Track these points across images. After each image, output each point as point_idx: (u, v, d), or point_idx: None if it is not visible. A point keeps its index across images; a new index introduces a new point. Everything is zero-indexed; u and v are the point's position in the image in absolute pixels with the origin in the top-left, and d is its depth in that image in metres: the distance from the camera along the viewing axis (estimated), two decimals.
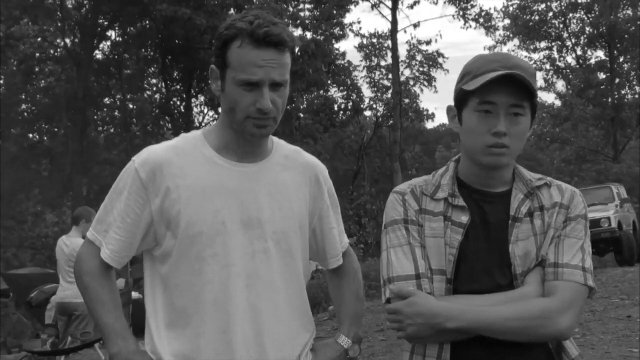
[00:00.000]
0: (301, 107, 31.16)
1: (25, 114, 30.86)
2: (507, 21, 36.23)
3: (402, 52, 33.22)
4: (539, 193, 1.90)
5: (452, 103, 1.94)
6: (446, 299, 1.81)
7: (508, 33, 36.72)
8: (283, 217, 2.01)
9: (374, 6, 30.82)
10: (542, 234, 1.85)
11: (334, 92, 33.91)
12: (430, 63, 33.17)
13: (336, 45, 31.93)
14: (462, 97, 1.85)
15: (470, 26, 33.71)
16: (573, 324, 1.78)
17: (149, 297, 2.00)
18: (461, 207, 1.87)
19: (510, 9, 35.80)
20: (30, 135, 31.51)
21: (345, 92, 34.24)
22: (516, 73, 1.76)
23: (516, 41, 37.66)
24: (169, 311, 1.95)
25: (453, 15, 31.34)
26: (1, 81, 29.90)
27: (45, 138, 31.62)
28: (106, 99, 30.28)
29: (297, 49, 2.03)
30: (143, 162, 1.95)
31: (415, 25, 30.70)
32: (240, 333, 1.92)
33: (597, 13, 35.45)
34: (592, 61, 37.43)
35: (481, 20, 31.54)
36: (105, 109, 30.65)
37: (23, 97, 30.72)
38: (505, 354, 1.79)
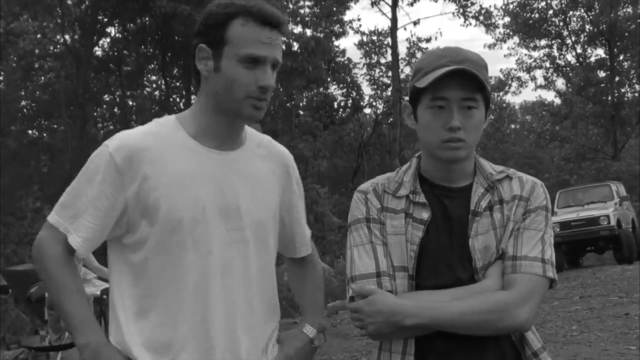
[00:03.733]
0: (301, 104, 31.16)
1: (25, 110, 30.89)
2: (507, 19, 36.25)
3: (402, 49, 33.23)
4: (500, 186, 1.91)
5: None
6: (407, 295, 1.82)
7: (508, 31, 36.72)
8: (259, 207, 2.00)
9: (374, 3, 30.84)
10: (501, 227, 1.86)
11: (334, 89, 33.94)
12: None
13: (336, 43, 31.95)
14: (415, 95, 1.87)
15: (471, 24, 33.67)
16: (531, 316, 1.79)
17: (115, 286, 1.94)
18: (422, 204, 1.88)
19: (511, 6, 35.80)
20: (30, 132, 31.54)
21: (345, 90, 34.25)
22: (464, 67, 1.78)
23: (516, 39, 37.70)
24: (140, 300, 1.90)
25: (453, 13, 31.38)
26: (1, 77, 29.91)
27: (44, 134, 31.64)
28: (106, 96, 30.27)
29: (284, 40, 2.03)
30: (118, 147, 1.88)
31: (415, 23, 30.75)
32: (217, 323, 1.91)
33: (597, 11, 35.44)
34: (592, 59, 37.46)
35: (481, 18, 31.56)
36: (104, 106, 30.65)
37: (23, 93, 30.74)
38: (469, 347, 1.81)
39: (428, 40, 32.65)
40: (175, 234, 1.87)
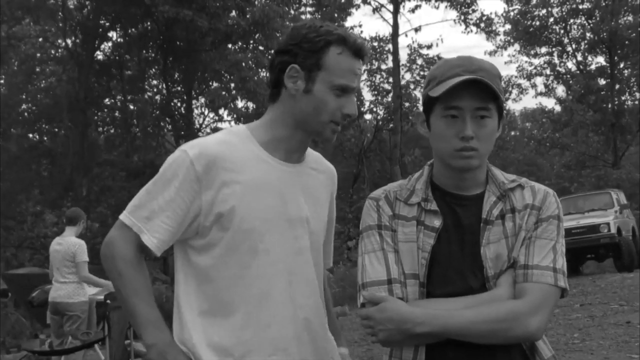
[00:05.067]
0: None
1: (26, 114, 30.87)
2: (508, 26, 36.26)
3: (403, 56, 33.25)
4: (512, 195, 1.91)
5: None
6: (418, 303, 1.83)
7: (509, 38, 36.75)
8: (317, 218, 2.11)
9: (375, 10, 30.86)
10: (513, 236, 1.87)
11: None
12: (431, 67, 33.14)
13: None
14: (428, 103, 1.89)
15: (472, 31, 33.69)
16: (543, 325, 1.79)
17: (181, 285, 2.01)
18: (434, 212, 1.89)
19: (512, 14, 35.83)
20: (31, 136, 31.51)
21: None
22: (476, 77, 1.79)
23: (517, 46, 37.70)
24: (207, 301, 1.97)
25: (454, 20, 31.39)
26: (2, 81, 29.93)
27: (45, 138, 31.61)
28: (107, 100, 30.28)
29: None
30: (199, 154, 1.95)
31: (417, 30, 30.76)
32: (282, 329, 1.98)
33: (598, 19, 35.47)
34: (593, 67, 37.44)
35: (482, 25, 31.59)
36: (106, 110, 30.64)
37: (24, 97, 30.72)
38: (480, 355, 1.81)
39: (429, 46, 32.68)
40: (246, 241, 1.96)
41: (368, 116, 36.32)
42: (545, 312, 1.80)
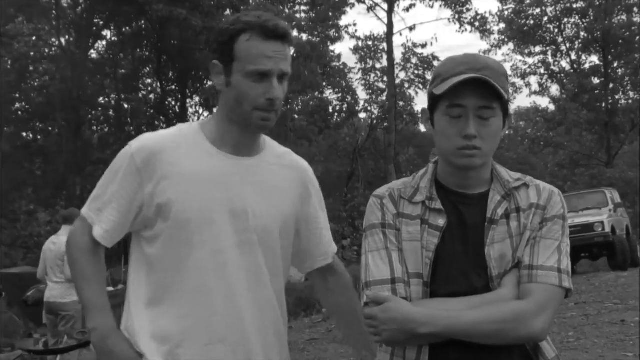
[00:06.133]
0: (296, 108, 31.17)
1: (20, 112, 30.76)
2: (502, 25, 36.31)
3: (398, 54, 33.27)
4: (517, 194, 1.90)
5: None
6: (422, 303, 1.82)
7: (503, 37, 36.79)
8: (269, 214, 2.06)
9: (370, 9, 30.88)
10: (518, 236, 1.85)
11: (329, 94, 33.96)
12: (426, 66, 33.19)
13: (331, 48, 31.99)
14: (432, 101, 1.87)
15: (466, 30, 33.72)
16: (547, 326, 1.78)
17: (132, 275, 2.06)
18: (438, 210, 1.88)
19: (506, 13, 35.89)
20: (24, 134, 31.41)
21: (340, 94, 34.27)
22: (480, 76, 1.77)
23: (511, 45, 37.75)
24: (152, 291, 2.00)
25: (449, 19, 31.42)
26: None
27: (39, 137, 31.51)
28: (101, 99, 30.20)
29: (292, 49, 2.10)
30: (139, 148, 2.01)
31: (411, 29, 30.75)
32: (221, 319, 1.98)
33: (592, 18, 35.55)
34: (587, 66, 37.52)
35: (476, 24, 31.62)
36: (100, 109, 30.57)
37: (17, 95, 30.61)
38: (483, 356, 1.79)
39: (424, 45, 32.70)
40: (183, 232, 1.97)
41: (362, 115, 36.35)
42: (550, 312, 1.79)
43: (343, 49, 72.45)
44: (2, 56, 27.45)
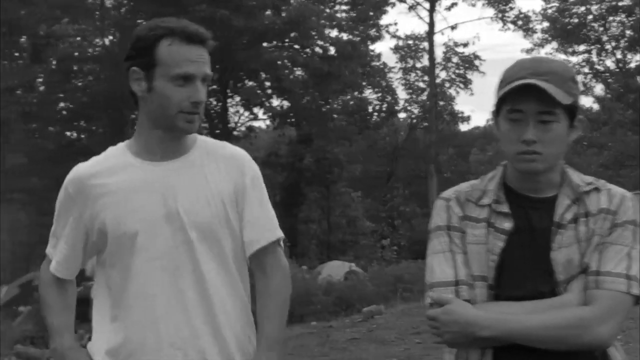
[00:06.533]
0: (335, 106, 31.15)
1: (64, 112, 31.31)
2: (545, 24, 35.83)
3: (438, 54, 33.06)
4: (586, 198, 1.87)
5: (489, 105, 1.95)
6: (484, 306, 1.81)
7: (546, 36, 36.31)
8: (204, 209, 2.05)
9: (411, 8, 30.75)
10: (586, 241, 1.82)
11: (369, 93, 33.91)
12: (467, 65, 32.94)
13: (371, 47, 31.91)
14: (497, 104, 1.87)
15: (509, 29, 33.32)
16: (613, 333, 1.76)
17: (95, 298, 2.14)
18: (505, 214, 1.87)
19: (549, 11, 35.41)
20: (68, 134, 31.96)
21: (379, 94, 34.20)
22: (534, 83, 1.75)
23: (554, 44, 37.22)
24: (110, 307, 2.07)
25: (491, 18, 31.14)
26: (41, 80, 30.36)
27: (82, 136, 32.03)
28: None
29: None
30: (70, 179, 2.11)
31: (453, 28, 30.54)
32: (166, 325, 1.99)
33: (638, 16, 34.89)
34: (632, 65, 36.84)
35: (519, 22, 31.27)
36: None
37: (62, 95, 31.15)
38: None
39: (465, 44, 32.46)
40: (121, 246, 2.03)
41: (402, 115, 36.20)
42: (616, 319, 1.76)
43: (383, 48, 72.36)
44: (48, 57, 27.97)
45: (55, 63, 29.57)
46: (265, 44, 26.67)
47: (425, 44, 32.00)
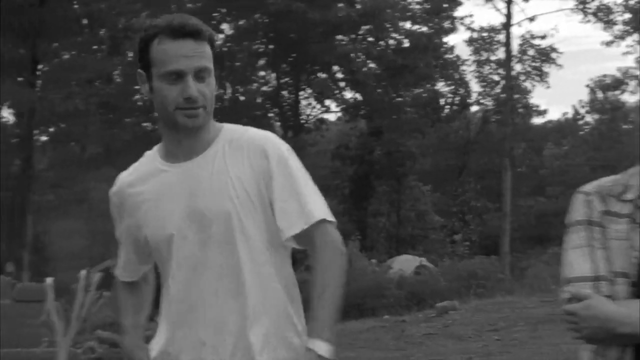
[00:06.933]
0: (407, 99, 30.96)
1: (140, 103, 32.08)
2: (627, 15, 34.71)
3: (514, 46, 32.42)
4: None
5: (565, 98, 1.86)
6: (626, 303, 1.75)
7: (628, 28, 35.18)
8: (225, 202, 2.00)
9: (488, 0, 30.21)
10: None
11: (441, 86, 33.56)
12: (544, 58, 32.23)
13: (444, 39, 31.57)
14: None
15: (590, 21, 32.42)
16: None
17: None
18: None
19: (632, 2, 34.28)
20: (144, 124, 32.73)
21: (453, 87, 33.81)
22: None
23: (636, 36, 36.04)
24: (162, 309, 2.14)
25: (571, 9, 30.36)
26: (118, 72, 31.16)
27: (157, 127, 32.71)
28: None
29: (215, 39, 2.09)
30: (114, 191, 2.17)
31: (531, 19, 29.90)
32: (201, 322, 2.03)
33: None
34: None
35: (600, 14, 30.39)
36: (218, 102, 31.43)
37: (138, 87, 31.86)
38: None
39: (543, 37, 31.74)
40: (161, 252, 2.07)
41: (475, 108, 35.71)
42: None
43: (456, 40, 71.25)
44: (125, 49, 28.67)
45: (132, 55, 30.29)
46: (339, 37, 26.67)
47: (501, 36, 31.40)
